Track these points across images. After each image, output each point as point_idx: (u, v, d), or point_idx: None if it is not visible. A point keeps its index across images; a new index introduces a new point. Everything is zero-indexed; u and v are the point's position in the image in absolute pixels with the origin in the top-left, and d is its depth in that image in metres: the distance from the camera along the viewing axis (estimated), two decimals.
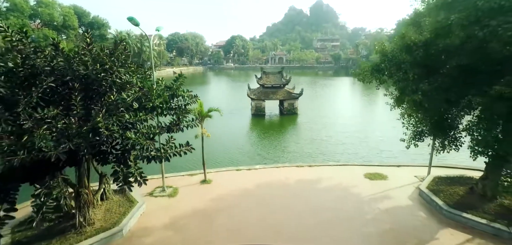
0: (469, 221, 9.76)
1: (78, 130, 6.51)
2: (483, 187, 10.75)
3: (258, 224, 10.30)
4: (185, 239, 9.53)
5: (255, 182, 13.77)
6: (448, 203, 10.61)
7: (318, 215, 10.75)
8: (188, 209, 11.35)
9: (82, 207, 9.24)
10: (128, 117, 7.63)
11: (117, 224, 9.64)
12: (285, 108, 32.29)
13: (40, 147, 5.79)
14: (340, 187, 13.13)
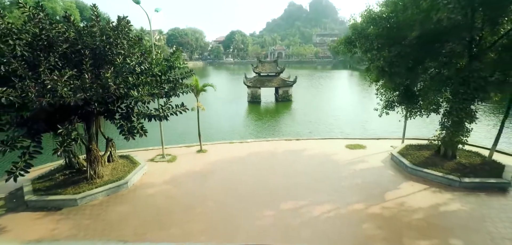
0: (428, 175, 11.20)
1: (90, 84, 7.91)
2: (445, 149, 12.16)
3: (247, 180, 11.75)
4: (182, 191, 10.99)
5: (246, 151, 15.21)
6: (413, 162, 12.03)
7: (300, 175, 12.17)
8: (185, 171, 12.82)
9: (92, 162, 10.70)
10: (132, 79, 9.04)
11: (123, 178, 11.10)
12: (280, 95, 33.71)
13: (61, 94, 7.20)
14: (322, 154, 14.54)
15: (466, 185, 10.38)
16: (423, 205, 9.45)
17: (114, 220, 8.96)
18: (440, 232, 8.06)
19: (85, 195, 9.94)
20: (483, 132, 21.15)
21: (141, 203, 10.06)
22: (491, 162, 11.68)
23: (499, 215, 8.81)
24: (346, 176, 11.93)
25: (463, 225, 8.41)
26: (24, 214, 9.36)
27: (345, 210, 9.31)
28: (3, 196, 10.46)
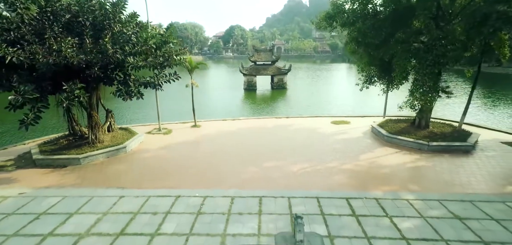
0: (401, 141, 12.21)
1: (90, 49, 8.88)
2: (419, 120, 13.15)
3: (236, 146, 12.78)
4: (175, 154, 12.01)
5: (237, 126, 16.24)
6: (389, 131, 13.03)
7: (285, 143, 13.18)
8: (179, 140, 13.85)
9: (93, 128, 11.72)
10: (128, 48, 10.01)
11: (121, 144, 12.12)
12: (275, 83, 34.67)
13: (65, 54, 8.18)
14: (309, 128, 15.54)
15: (434, 148, 11.39)
16: (392, 163, 10.47)
17: (114, 174, 9.99)
18: (401, 181, 9.09)
19: (87, 155, 10.97)
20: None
21: (138, 163, 11.10)
22: (460, 130, 12.68)
23: (457, 169, 9.84)
24: (327, 144, 12.94)
25: (423, 176, 9.44)
26: (32, 170, 10.41)
27: (321, 166, 10.33)
28: (13, 158, 11.50)
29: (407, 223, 6.84)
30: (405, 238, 6.26)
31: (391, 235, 6.39)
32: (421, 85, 10.20)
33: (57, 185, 9.15)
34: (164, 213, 7.43)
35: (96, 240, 6.39)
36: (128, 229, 6.78)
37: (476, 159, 10.69)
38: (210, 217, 7.22)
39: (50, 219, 7.23)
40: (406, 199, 7.93)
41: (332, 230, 6.60)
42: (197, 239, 6.38)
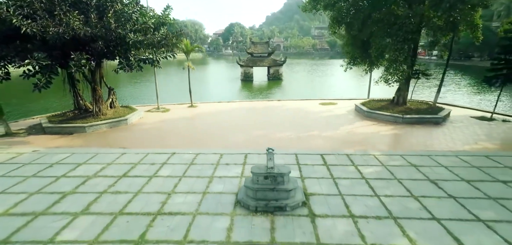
0: (379, 116, 13.31)
1: (95, 23, 9.96)
2: (397, 98, 14.24)
3: (228, 120, 13.91)
4: (172, 126, 13.11)
5: (231, 107, 17.34)
6: (369, 108, 14.12)
7: (274, 118, 14.28)
8: (176, 116, 14.96)
9: (97, 101, 12.81)
10: (129, 26, 11.08)
11: (123, 117, 13.21)
12: (271, 74, 35.74)
13: (73, 26, 9.25)
14: (297, 108, 16.64)
15: (408, 120, 12.49)
16: (367, 131, 11.58)
17: (116, 139, 11.09)
18: (372, 144, 10.18)
19: (91, 125, 12.07)
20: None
21: (138, 132, 12.20)
22: (434, 107, 13.78)
23: (425, 135, 10.95)
24: (312, 119, 14.03)
25: (393, 140, 10.55)
26: (42, 136, 11.50)
27: (303, 134, 11.42)
28: (24, 128, 12.58)
29: (369, 169, 7.95)
30: (365, 178, 7.36)
31: (353, 176, 7.50)
32: (394, 60, 11.30)
33: (65, 146, 10.25)
34: (160, 164, 8.52)
35: (101, 180, 7.50)
36: (129, 173, 7.89)
37: (444, 128, 11.78)
38: (201, 166, 8.31)
39: (62, 167, 8.33)
40: (373, 154, 9.03)
41: (304, 174, 7.70)
42: (189, 179, 7.48)
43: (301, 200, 6.16)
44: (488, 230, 5.20)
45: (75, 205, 6.26)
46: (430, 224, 5.41)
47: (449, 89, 28.73)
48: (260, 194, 6.04)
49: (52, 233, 5.29)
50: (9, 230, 5.38)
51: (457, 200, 6.24)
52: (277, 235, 5.15)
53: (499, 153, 8.98)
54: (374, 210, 5.90)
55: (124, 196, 6.65)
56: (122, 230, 5.37)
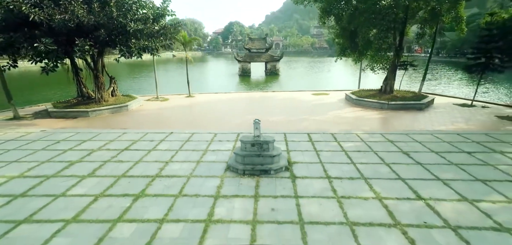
0: (367, 103, 14.05)
1: (98, 12, 10.67)
2: (385, 86, 14.98)
3: (224, 108, 14.63)
4: (171, 113, 13.84)
5: (227, 97, 18.08)
6: (358, 96, 14.86)
7: (267, 105, 15.02)
8: (174, 105, 15.69)
9: (99, 88, 13.53)
10: (129, 16, 11.79)
11: (124, 103, 13.94)
12: (268, 69, 36.46)
13: (77, 14, 9.97)
14: (291, 98, 17.39)
15: (393, 106, 13.24)
16: (354, 116, 12.33)
17: (117, 122, 11.81)
18: (357, 125, 10.91)
19: (94, 110, 12.79)
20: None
21: (138, 117, 12.93)
22: (419, 95, 14.52)
23: (407, 118, 11.68)
24: (303, 106, 14.77)
25: (376, 122, 11.29)
26: (48, 119, 12.23)
27: (293, 118, 12.17)
28: (31, 113, 13.30)
29: (350, 144, 8.69)
30: (344, 151, 8.10)
31: (334, 149, 8.23)
32: (378, 49, 12.02)
33: (70, 127, 10.98)
34: (159, 140, 9.25)
35: (105, 152, 8.23)
36: (130, 148, 8.62)
37: (426, 113, 12.53)
38: (196, 142, 9.04)
39: (68, 143, 9.06)
40: (356, 133, 9.77)
41: (290, 148, 8.44)
42: (184, 152, 8.22)
43: (284, 165, 6.90)
44: (443, 186, 5.95)
45: (82, 170, 7.00)
46: (395, 182, 6.15)
47: (441, 82, 29.43)
48: (247, 159, 6.78)
49: (64, 189, 6.03)
50: (26, 187, 6.12)
51: (423, 166, 6.99)
52: (260, 190, 5.89)
53: (470, 131, 9.72)
54: (348, 173, 6.64)
55: (126, 164, 7.38)
56: (124, 187, 6.11)
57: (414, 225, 4.67)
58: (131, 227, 4.73)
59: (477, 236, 4.38)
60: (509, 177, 6.32)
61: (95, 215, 5.09)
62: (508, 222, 4.70)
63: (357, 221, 4.81)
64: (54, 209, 5.29)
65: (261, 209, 5.20)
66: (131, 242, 4.36)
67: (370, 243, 4.26)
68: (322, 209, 5.19)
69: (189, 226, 4.74)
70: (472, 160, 7.29)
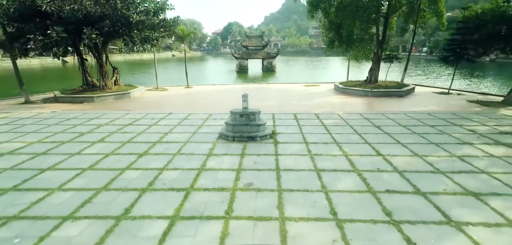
0: (352, 91, 15.13)
1: (103, 3, 11.70)
2: (370, 77, 16.06)
3: (219, 97, 15.66)
4: (170, 100, 14.86)
5: (224, 88, 19.12)
6: (345, 85, 15.93)
7: (261, 94, 16.05)
8: (173, 93, 16.72)
9: (104, 76, 14.54)
10: (132, 8, 12.82)
11: (127, 91, 14.95)
12: (265, 66, 37.56)
13: (85, 5, 10.99)
14: (283, 88, 18.45)
15: (376, 93, 14.30)
16: (338, 102, 13.39)
17: (121, 106, 12.82)
18: (340, 108, 11.96)
19: (99, 96, 13.81)
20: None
21: (139, 102, 13.95)
22: (401, 84, 15.60)
23: (386, 103, 12.74)
24: (294, 95, 15.81)
25: (358, 106, 12.34)
26: (56, 104, 13.23)
27: (284, 103, 13.22)
28: (40, 99, 14.29)
29: (330, 121, 9.72)
30: (324, 125, 9.14)
31: (315, 124, 9.27)
32: (360, 39, 13.09)
33: (78, 109, 11.98)
34: (159, 119, 10.26)
35: (111, 127, 9.24)
36: (133, 124, 9.63)
37: (405, 99, 13.61)
38: (193, 120, 10.07)
39: (77, 120, 10.07)
40: (337, 113, 10.81)
41: (277, 124, 9.47)
42: (182, 127, 9.24)
43: (269, 134, 7.94)
44: (402, 147, 7.01)
45: (92, 138, 8.03)
46: (362, 146, 7.19)
47: (429, 77, 30.48)
48: (236, 128, 7.81)
49: (78, 150, 7.06)
50: (46, 148, 7.15)
51: (389, 135, 8.04)
52: (246, 151, 6.92)
53: (440, 111, 10.80)
54: (324, 140, 7.68)
55: (130, 134, 8.40)
56: (130, 149, 7.13)
57: (368, 170, 5.71)
58: (137, 173, 5.75)
59: (416, 176, 5.42)
60: (459, 141, 7.39)
61: (106, 166, 6.11)
62: (445, 168, 5.75)
63: (324, 169, 5.85)
64: (72, 162, 6.31)
65: (245, 162, 6.22)
66: (138, 181, 5.38)
67: (330, 181, 5.29)
68: (296, 162, 6.22)
69: (185, 172, 5.76)
70: (433, 131, 8.34)
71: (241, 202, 4.61)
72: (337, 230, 3.87)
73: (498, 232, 3.79)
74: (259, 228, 3.94)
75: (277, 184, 5.20)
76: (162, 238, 3.73)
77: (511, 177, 5.35)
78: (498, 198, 4.61)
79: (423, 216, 4.16)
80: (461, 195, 4.74)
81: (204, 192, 4.96)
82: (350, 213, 4.25)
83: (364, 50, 13.22)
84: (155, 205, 4.54)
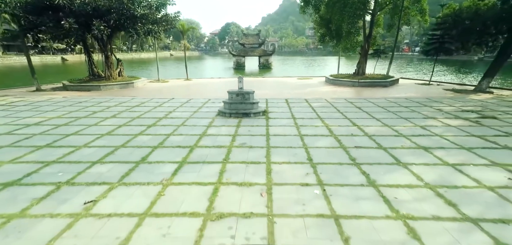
0: (341, 82, 16.27)
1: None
2: (358, 70, 17.23)
3: (217, 87, 16.67)
4: (170, 90, 15.85)
5: (221, 81, 20.16)
6: (334, 77, 17.08)
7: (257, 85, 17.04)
8: (174, 85, 17.73)
9: (109, 67, 15.52)
10: (137, 2, 13.84)
11: (130, 81, 15.94)
12: (261, 63, 38.68)
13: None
14: (278, 81, 19.53)
15: (362, 84, 15.47)
16: (327, 91, 14.51)
17: (126, 93, 13.82)
18: (328, 95, 13.07)
19: (105, 84, 14.79)
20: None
21: (143, 91, 14.93)
22: (387, 76, 16.79)
23: (371, 91, 13.89)
24: (287, 86, 16.90)
25: (344, 94, 13.46)
26: (65, 91, 14.18)
27: (277, 92, 14.30)
28: (49, 88, 15.22)
29: (317, 104, 10.84)
30: (311, 107, 10.24)
31: (304, 106, 10.37)
32: (348, 32, 14.25)
33: (86, 96, 12.97)
34: (162, 102, 11.30)
35: (119, 108, 10.24)
36: (140, 105, 10.65)
37: (389, 89, 14.78)
38: (193, 103, 11.12)
39: (88, 103, 11.06)
40: (325, 99, 11.93)
41: (270, 106, 10.54)
42: (184, 107, 10.28)
43: (262, 111, 9.02)
44: (376, 120, 8.13)
45: (104, 115, 9.05)
46: (342, 120, 8.30)
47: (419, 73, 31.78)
48: (233, 106, 8.88)
49: (94, 122, 8.08)
50: (65, 122, 8.16)
51: (368, 113, 9.17)
52: (241, 123, 7.98)
53: (416, 97, 11.97)
54: (309, 116, 8.77)
55: (138, 113, 9.43)
56: (139, 122, 8.16)
57: (344, 135, 6.81)
58: (148, 137, 6.80)
59: (382, 138, 6.53)
60: (425, 116, 8.53)
61: (121, 132, 7.15)
62: (407, 133, 6.87)
63: (306, 134, 6.94)
64: (91, 130, 7.34)
65: (240, 131, 7.29)
66: (150, 141, 6.43)
67: (310, 141, 6.37)
68: (284, 130, 7.30)
69: (189, 137, 6.81)
70: (405, 110, 9.49)
71: (236, 154, 5.67)
72: (311, 168, 4.96)
73: (433, 169, 4.90)
74: (250, 168, 5.01)
75: (266, 144, 6.27)
76: (174, 173, 4.79)
77: (458, 138, 6.49)
78: (442, 151, 5.73)
79: (380, 160, 5.27)
80: (413, 149, 5.86)
81: (205, 148, 6.02)
82: (322, 159, 5.35)
83: (351, 42, 14.37)
84: (166, 155, 5.59)
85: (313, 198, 3.98)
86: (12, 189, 4.29)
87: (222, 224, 3.41)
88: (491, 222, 3.36)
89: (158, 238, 3.15)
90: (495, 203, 3.79)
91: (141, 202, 3.89)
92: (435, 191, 4.12)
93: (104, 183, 4.45)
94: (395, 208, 3.69)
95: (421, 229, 3.25)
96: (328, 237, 3.15)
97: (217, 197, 4.01)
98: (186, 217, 3.55)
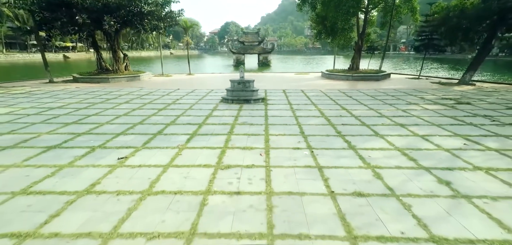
0: (336, 76, 17.21)
1: None
2: (352, 65, 18.17)
3: (218, 81, 17.58)
4: (174, 83, 16.73)
5: (222, 76, 21.06)
6: (330, 72, 18.02)
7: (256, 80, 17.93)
8: (178, 78, 18.62)
9: (117, 61, 16.39)
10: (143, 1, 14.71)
11: (136, 75, 16.82)
12: (260, 61, 39.58)
13: None
14: (276, 76, 20.44)
15: (356, 77, 16.40)
16: (322, 84, 15.43)
17: (134, 85, 14.70)
18: (323, 87, 14.00)
19: (113, 77, 15.67)
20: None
21: (149, 83, 15.81)
22: (379, 71, 17.74)
23: (363, 84, 14.84)
24: (285, 80, 17.82)
25: (338, 86, 14.40)
26: (76, 83, 15.04)
27: (275, 85, 15.22)
28: (60, 81, 16.08)
29: (312, 93, 11.76)
30: (307, 96, 11.17)
31: (300, 96, 11.29)
32: (342, 29, 15.17)
33: (97, 87, 13.85)
34: (169, 92, 12.20)
35: (130, 96, 11.14)
36: (149, 94, 11.55)
37: (380, 82, 15.72)
38: (198, 93, 12.02)
39: (99, 92, 11.95)
40: (320, 90, 12.86)
41: (268, 95, 11.46)
42: (189, 96, 11.18)
43: (261, 98, 9.95)
44: (363, 106, 9.07)
45: (118, 101, 9.95)
46: (333, 105, 9.24)
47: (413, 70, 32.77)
48: (235, 93, 9.79)
49: (110, 107, 8.97)
50: (84, 106, 9.07)
51: (357, 100, 10.10)
52: (243, 108, 8.90)
53: (404, 88, 12.92)
54: (304, 103, 9.70)
55: (149, 99, 10.34)
56: (151, 107, 9.07)
57: (333, 116, 7.74)
58: (160, 117, 7.71)
59: (366, 118, 7.47)
60: (408, 103, 9.47)
61: (136, 114, 8.06)
62: (389, 115, 7.82)
63: (300, 115, 7.86)
64: (108, 113, 8.24)
65: (242, 113, 8.21)
66: (163, 120, 7.34)
67: (303, 120, 7.30)
68: (280, 113, 8.23)
69: (197, 117, 7.73)
70: (391, 98, 10.44)
71: (239, 129, 6.59)
72: (302, 138, 5.88)
73: (404, 138, 5.83)
74: (250, 138, 5.92)
75: (265, 122, 7.19)
76: (187, 141, 5.71)
77: (432, 118, 7.44)
78: (416, 127, 6.67)
79: (361, 133, 6.21)
80: (392, 126, 6.80)
81: (212, 125, 6.94)
82: (312, 132, 6.28)
83: (345, 39, 15.28)
84: (178, 130, 6.51)
85: (302, 157, 4.90)
86: (55, 150, 5.20)
87: (230, 171, 4.33)
88: (439, 169, 4.30)
89: (181, 178, 4.06)
90: (447, 159, 4.73)
91: (163, 158, 4.81)
92: (401, 151, 5.06)
93: (130, 147, 5.36)
94: (367, 162, 4.62)
95: (384, 174, 4.18)
96: (312, 178, 4.08)
97: (225, 156, 4.93)
98: (201, 167, 4.47)
